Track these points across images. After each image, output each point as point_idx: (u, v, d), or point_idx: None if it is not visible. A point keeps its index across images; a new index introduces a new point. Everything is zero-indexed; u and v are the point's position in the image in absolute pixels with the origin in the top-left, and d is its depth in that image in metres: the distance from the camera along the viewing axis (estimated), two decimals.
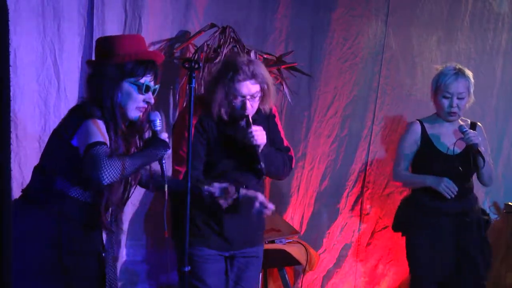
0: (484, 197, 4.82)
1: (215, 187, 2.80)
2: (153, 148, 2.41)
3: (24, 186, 2.55)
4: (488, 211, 4.85)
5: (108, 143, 2.34)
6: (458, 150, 3.57)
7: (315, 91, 4.50)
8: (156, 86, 2.52)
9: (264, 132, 2.94)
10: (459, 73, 3.56)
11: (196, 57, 3.81)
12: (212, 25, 3.92)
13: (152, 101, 2.49)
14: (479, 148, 3.47)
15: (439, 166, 3.57)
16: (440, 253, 3.58)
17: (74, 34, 3.61)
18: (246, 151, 2.95)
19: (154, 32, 3.89)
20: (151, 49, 3.90)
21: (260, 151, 2.92)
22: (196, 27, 4.00)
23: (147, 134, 2.54)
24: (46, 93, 3.56)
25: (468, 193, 3.64)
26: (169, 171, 4.02)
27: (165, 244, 4.03)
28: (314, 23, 4.44)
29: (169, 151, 2.46)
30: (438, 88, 3.57)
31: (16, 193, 3.30)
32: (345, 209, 4.67)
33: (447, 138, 3.62)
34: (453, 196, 3.49)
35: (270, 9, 4.30)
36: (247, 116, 2.92)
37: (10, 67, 1.41)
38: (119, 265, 3.87)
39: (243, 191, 2.88)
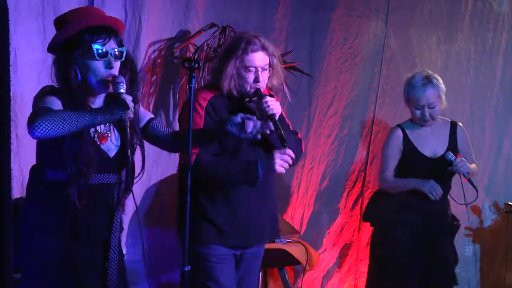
0: (484, 197, 4.82)
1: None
2: (111, 105, 2.30)
3: (24, 185, 2.55)
4: (488, 210, 4.87)
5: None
6: (439, 153, 3.62)
7: (315, 91, 4.50)
8: (118, 49, 2.39)
9: (278, 102, 2.92)
10: (427, 83, 3.56)
11: (196, 56, 3.81)
12: (212, 25, 3.92)
13: (113, 64, 2.37)
14: (469, 177, 3.53)
15: (423, 169, 3.61)
16: (416, 251, 3.59)
17: None
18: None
19: (154, 31, 3.89)
20: (151, 49, 3.91)
21: (276, 119, 2.84)
22: (196, 27, 4.00)
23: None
24: None
25: (444, 195, 3.65)
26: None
27: (165, 244, 4.03)
28: (314, 23, 4.45)
29: (130, 115, 2.32)
30: (409, 99, 3.61)
31: (16, 193, 3.31)
32: (345, 209, 4.67)
33: (429, 140, 3.66)
34: (437, 198, 3.53)
35: (270, 9, 4.30)
36: (259, 89, 2.90)
37: (10, 67, 1.41)
38: None
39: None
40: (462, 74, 4.72)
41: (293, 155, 2.86)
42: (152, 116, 2.64)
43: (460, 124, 3.78)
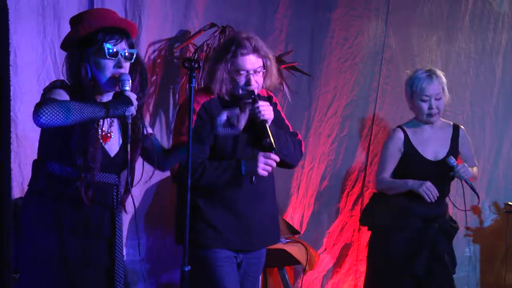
0: (484, 197, 4.82)
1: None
2: (115, 100, 2.35)
3: (24, 186, 2.56)
4: (488, 210, 4.87)
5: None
6: (440, 156, 3.60)
7: (315, 91, 4.50)
8: (129, 50, 2.44)
9: (271, 108, 2.87)
10: (432, 75, 3.56)
11: (196, 56, 3.81)
12: (212, 25, 3.92)
13: (123, 64, 2.42)
14: (470, 182, 3.52)
15: (423, 172, 3.57)
16: (414, 254, 3.56)
17: None
18: (253, 132, 2.86)
19: (154, 31, 3.89)
20: (151, 49, 3.91)
21: (268, 126, 2.81)
22: (196, 27, 4.00)
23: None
24: None
25: (442, 198, 3.63)
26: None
27: (165, 244, 4.03)
28: (314, 23, 4.45)
29: (133, 112, 2.36)
30: (414, 92, 3.56)
31: (16, 193, 3.31)
32: (345, 209, 4.67)
33: (430, 143, 3.63)
34: (433, 200, 3.49)
35: (270, 9, 4.30)
36: (253, 92, 2.84)
37: (10, 67, 1.41)
38: None
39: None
40: (462, 74, 4.72)
41: (277, 159, 2.84)
42: (152, 132, 2.69)
43: (463, 127, 3.75)
